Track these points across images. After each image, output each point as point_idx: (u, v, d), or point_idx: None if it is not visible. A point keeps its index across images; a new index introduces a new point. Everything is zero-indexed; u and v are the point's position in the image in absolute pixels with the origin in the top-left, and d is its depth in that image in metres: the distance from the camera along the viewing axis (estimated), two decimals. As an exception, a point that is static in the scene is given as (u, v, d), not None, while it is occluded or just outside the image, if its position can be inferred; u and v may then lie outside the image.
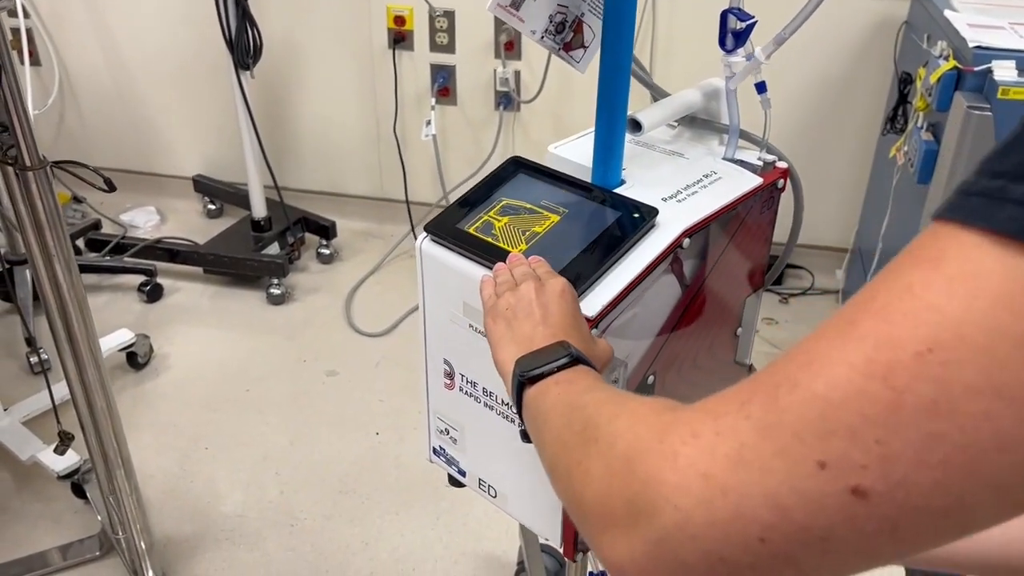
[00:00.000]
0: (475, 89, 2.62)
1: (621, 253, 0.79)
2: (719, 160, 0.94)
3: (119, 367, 2.25)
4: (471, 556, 1.75)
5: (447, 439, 0.99)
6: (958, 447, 0.32)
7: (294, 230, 2.68)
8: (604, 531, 0.42)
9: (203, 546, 1.77)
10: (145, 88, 2.92)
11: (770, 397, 0.36)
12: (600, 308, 0.76)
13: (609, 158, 0.88)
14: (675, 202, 0.86)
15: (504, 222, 0.86)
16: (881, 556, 0.35)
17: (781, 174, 0.93)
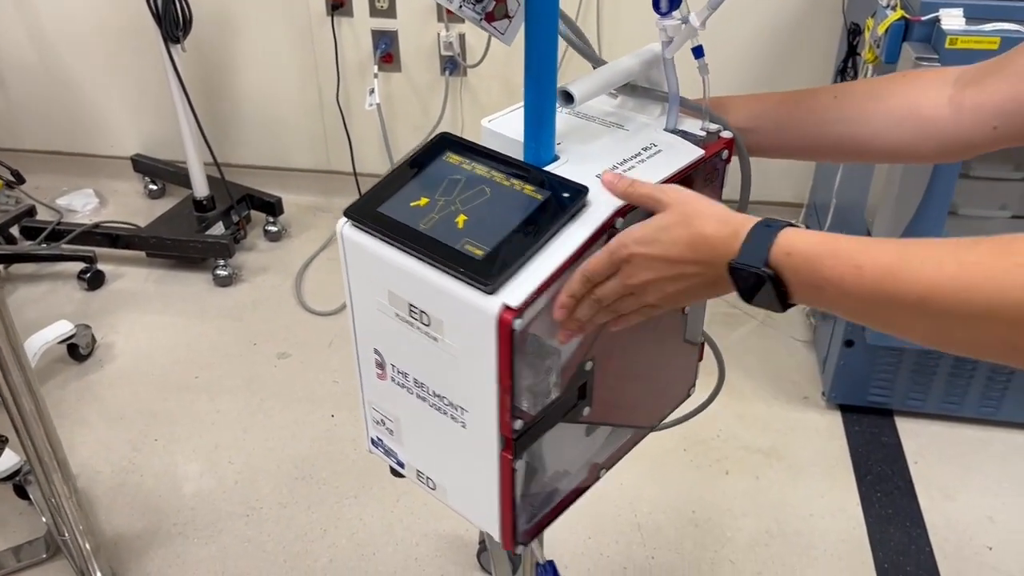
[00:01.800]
0: (419, 54, 2.54)
1: (548, 237, 0.74)
2: (660, 131, 0.89)
3: (60, 360, 2.17)
4: (432, 537, 1.73)
5: (384, 430, 0.95)
6: None
7: (239, 208, 2.59)
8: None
9: (155, 542, 1.72)
10: (75, 65, 2.79)
11: None
12: (525, 297, 0.71)
13: (540, 133, 0.83)
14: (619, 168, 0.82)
15: (426, 203, 0.81)
16: None
17: (725, 144, 0.87)
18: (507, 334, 0.71)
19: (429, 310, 0.77)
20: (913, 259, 0.57)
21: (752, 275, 0.64)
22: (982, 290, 0.53)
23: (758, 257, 0.63)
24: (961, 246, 0.56)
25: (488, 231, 0.75)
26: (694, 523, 1.75)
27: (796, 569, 1.66)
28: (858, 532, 1.73)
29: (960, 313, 0.55)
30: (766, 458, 1.90)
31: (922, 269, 0.56)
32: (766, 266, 0.63)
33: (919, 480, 1.85)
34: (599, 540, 1.71)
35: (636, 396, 0.97)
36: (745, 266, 0.64)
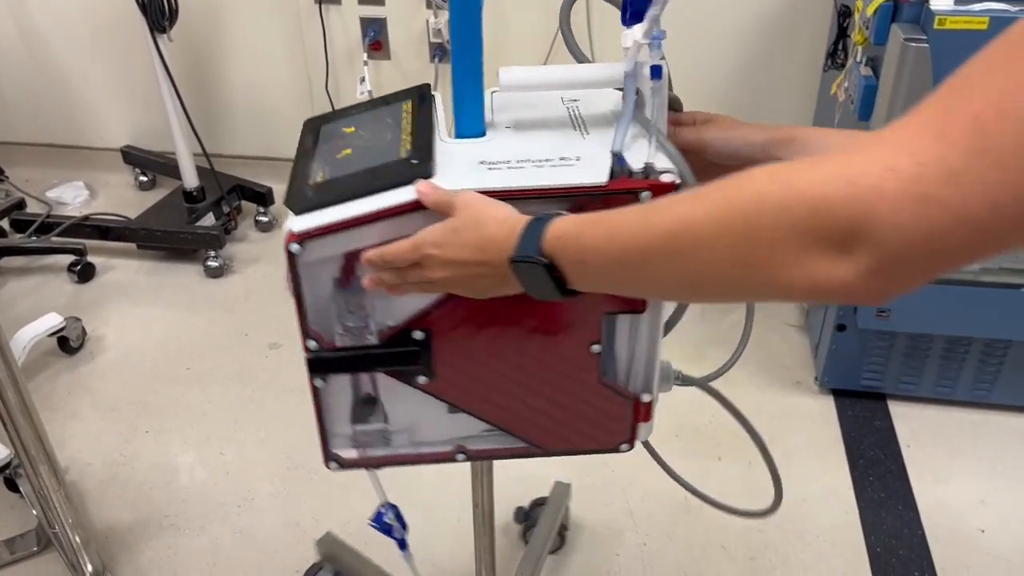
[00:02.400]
0: (408, 42, 2.52)
1: (370, 191, 0.78)
2: (604, 148, 0.78)
3: (51, 353, 2.16)
4: (423, 524, 1.72)
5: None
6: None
7: (229, 199, 2.58)
8: (812, 267, 0.50)
9: (147, 534, 1.72)
10: (64, 58, 2.77)
11: (974, 126, 0.44)
12: (307, 228, 0.76)
13: (463, 107, 0.84)
14: (486, 169, 0.79)
15: (343, 133, 0.88)
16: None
17: (651, 186, 0.75)
18: (288, 254, 0.78)
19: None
20: (658, 206, 0.61)
21: (528, 266, 0.67)
22: (715, 211, 0.55)
23: (532, 247, 0.67)
24: (703, 190, 0.57)
25: (346, 165, 0.82)
26: (686, 509, 1.75)
27: (789, 554, 1.66)
28: (851, 516, 1.73)
29: (700, 246, 0.56)
30: (758, 443, 1.89)
31: (666, 209, 0.60)
32: (540, 255, 0.66)
33: (912, 464, 1.84)
34: (591, 527, 1.70)
35: (513, 406, 0.91)
36: (521, 258, 0.67)
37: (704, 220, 0.56)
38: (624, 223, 0.62)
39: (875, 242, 0.47)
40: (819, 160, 0.51)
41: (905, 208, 0.46)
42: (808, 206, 0.50)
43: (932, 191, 0.45)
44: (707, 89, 2.45)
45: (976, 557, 1.64)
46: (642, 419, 0.92)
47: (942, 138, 0.45)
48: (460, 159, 0.81)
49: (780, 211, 0.51)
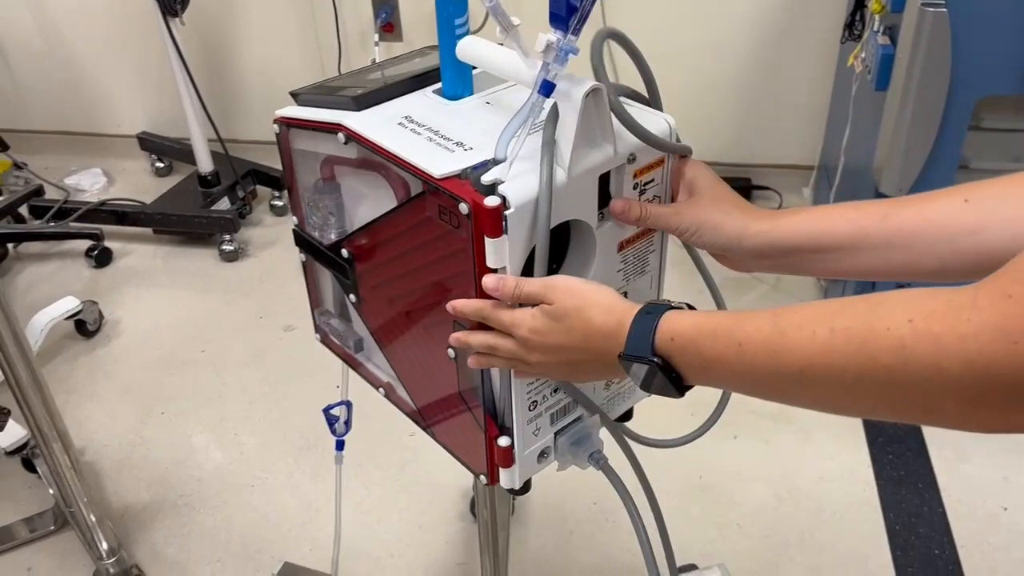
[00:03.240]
0: (420, 22, 2.51)
1: (327, 104, 0.85)
2: (495, 144, 0.71)
3: (69, 336, 2.18)
4: (436, 504, 1.72)
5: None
6: None
7: (244, 183, 2.59)
8: (977, 418, 0.50)
9: (162, 513, 1.73)
10: (79, 44, 2.78)
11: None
12: (283, 115, 0.88)
13: (444, 69, 0.83)
14: (397, 123, 0.80)
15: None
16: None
17: (470, 198, 0.68)
18: (276, 132, 0.90)
19: None
20: (788, 329, 0.56)
21: (642, 365, 0.64)
22: (854, 358, 0.52)
23: (644, 346, 0.63)
24: (836, 310, 0.55)
25: (341, 84, 0.89)
26: (701, 488, 1.73)
27: (805, 532, 1.63)
28: (869, 494, 1.70)
29: (837, 382, 0.54)
30: (775, 422, 1.87)
31: (797, 340, 0.56)
32: (653, 354, 0.63)
33: (932, 441, 1.81)
34: (604, 506, 1.69)
35: (407, 368, 0.91)
36: (634, 357, 0.64)
37: (840, 364, 0.53)
38: (751, 344, 0.58)
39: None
40: (957, 301, 0.48)
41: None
42: (964, 367, 0.47)
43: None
44: (723, 65, 2.42)
45: (998, 534, 1.61)
46: (500, 463, 0.82)
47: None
48: (397, 109, 0.83)
49: (930, 371, 0.48)
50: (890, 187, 1.70)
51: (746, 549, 1.60)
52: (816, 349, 0.54)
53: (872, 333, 0.51)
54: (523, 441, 0.81)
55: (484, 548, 1.21)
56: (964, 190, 0.69)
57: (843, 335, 0.53)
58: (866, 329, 0.52)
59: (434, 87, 0.86)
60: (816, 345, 0.54)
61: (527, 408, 0.80)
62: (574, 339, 0.68)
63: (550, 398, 0.82)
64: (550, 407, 0.82)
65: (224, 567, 1.62)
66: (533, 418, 0.81)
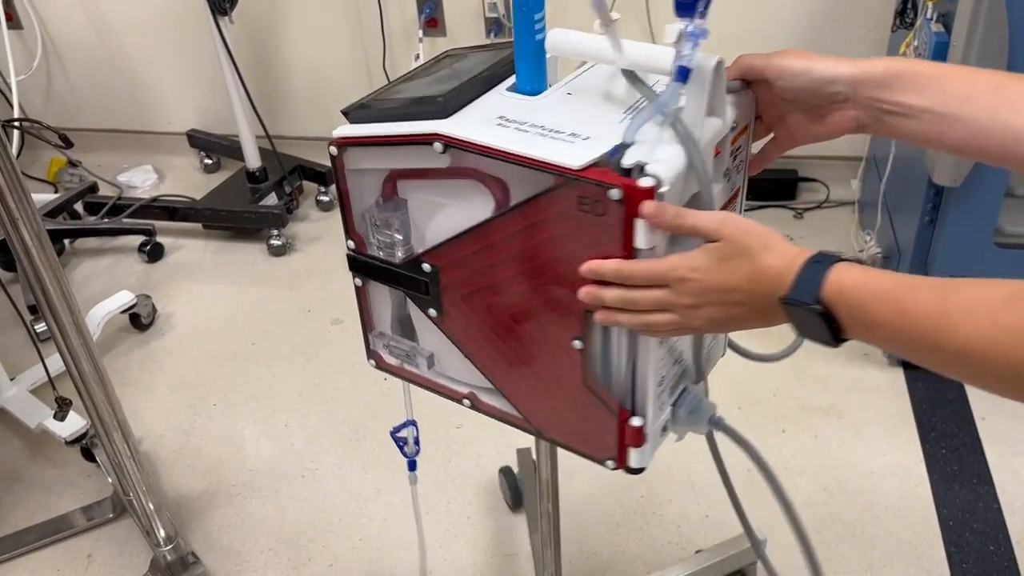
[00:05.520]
0: (464, 17, 2.52)
1: (398, 116, 0.81)
2: (616, 135, 0.72)
3: (123, 329, 2.23)
4: (484, 495, 1.73)
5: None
6: None
7: (291, 179, 2.62)
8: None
9: (216, 502, 1.77)
10: (131, 44, 2.84)
11: None
12: (342, 135, 0.83)
13: (519, 64, 0.82)
14: (496, 123, 0.77)
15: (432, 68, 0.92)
16: None
17: (622, 184, 0.68)
18: (329, 155, 0.85)
19: None
20: (954, 311, 0.58)
21: (803, 311, 0.65)
22: (1015, 356, 0.55)
23: (809, 293, 0.64)
24: (1003, 301, 0.56)
25: (405, 92, 0.86)
26: (749, 482, 1.70)
27: (856, 527, 1.62)
28: (921, 490, 1.68)
29: (997, 374, 0.57)
30: (825, 416, 1.85)
31: (961, 326, 0.58)
32: (817, 302, 0.64)
33: (987, 437, 1.78)
34: (651, 499, 1.69)
35: (510, 373, 0.89)
36: (797, 302, 0.65)
37: (1001, 359, 0.56)
38: (914, 315, 0.60)
39: None
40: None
41: None
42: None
43: None
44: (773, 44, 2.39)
45: (1056, 532, 1.58)
46: (631, 443, 0.83)
47: None
48: (486, 110, 0.80)
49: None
50: (944, 178, 1.67)
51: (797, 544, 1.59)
52: (978, 339, 0.57)
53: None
54: (653, 418, 0.82)
55: (546, 543, 1.21)
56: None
57: (1007, 333, 0.56)
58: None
59: (505, 85, 0.85)
60: (979, 335, 0.57)
61: (657, 383, 0.81)
62: (739, 279, 0.68)
63: (671, 369, 0.84)
64: (670, 380, 0.84)
65: (276, 555, 1.65)
66: (660, 393, 0.83)
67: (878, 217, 2.09)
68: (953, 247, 1.77)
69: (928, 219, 1.79)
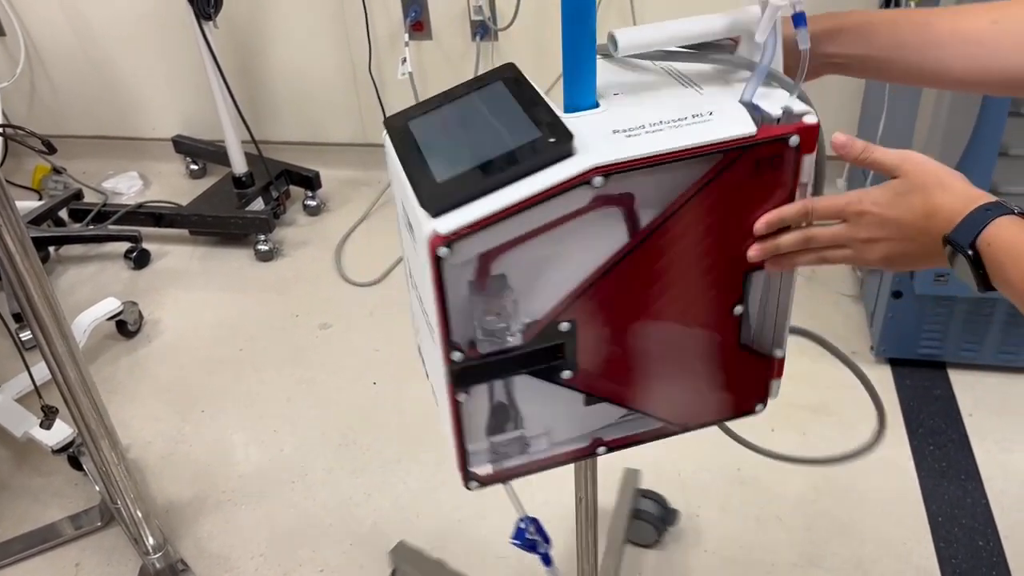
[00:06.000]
0: (450, 20, 2.52)
1: (514, 176, 0.71)
2: (732, 101, 0.77)
3: (110, 337, 2.22)
4: (476, 499, 1.72)
5: (418, 339, 0.96)
6: None
7: (277, 184, 2.62)
8: None
9: (205, 509, 1.76)
10: (114, 50, 2.83)
11: None
12: (456, 227, 0.69)
13: (576, 78, 0.77)
14: (624, 136, 0.74)
15: (448, 126, 0.81)
16: None
17: (798, 130, 0.74)
18: (435, 261, 0.71)
19: (412, 223, 0.77)
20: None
21: (958, 254, 0.68)
22: None
23: (967, 236, 0.67)
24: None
25: (468, 157, 0.75)
26: (740, 480, 1.73)
27: (846, 524, 1.62)
28: (910, 486, 1.69)
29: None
30: (813, 414, 1.86)
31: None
32: (970, 247, 0.67)
33: (974, 433, 1.79)
34: (643, 499, 1.69)
35: (652, 385, 0.88)
36: (955, 242, 0.68)
37: None
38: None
39: None
40: None
41: None
42: None
43: None
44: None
45: (1044, 526, 1.59)
46: (776, 375, 0.92)
47: None
48: (591, 131, 0.74)
49: None
50: (928, 175, 1.68)
51: (787, 541, 1.59)
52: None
53: None
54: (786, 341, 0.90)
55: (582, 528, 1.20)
56: (994, 10, 0.79)
57: None
58: None
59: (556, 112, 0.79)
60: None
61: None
62: (915, 216, 0.70)
63: None
64: None
65: (267, 561, 1.64)
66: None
67: (864, 215, 2.10)
68: (938, 244, 1.78)
69: (913, 217, 1.80)
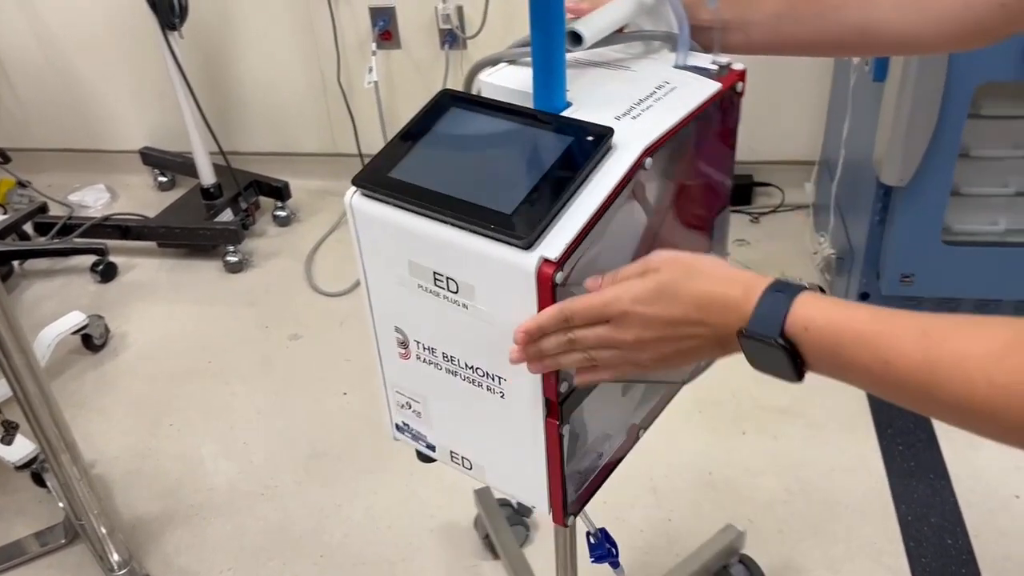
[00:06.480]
0: (418, 30, 2.52)
1: (578, 184, 0.70)
2: (670, 69, 0.83)
3: (76, 351, 2.19)
4: (447, 510, 1.72)
5: (410, 414, 0.92)
6: None
7: (247, 195, 2.59)
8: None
9: (173, 523, 1.73)
10: (79, 60, 2.80)
11: None
12: (564, 248, 0.67)
13: (551, 79, 0.76)
14: (630, 119, 0.75)
15: (440, 162, 0.78)
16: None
17: (739, 76, 0.83)
18: (549, 289, 0.67)
19: (458, 276, 0.73)
20: (941, 367, 0.54)
21: (765, 346, 0.60)
22: (1019, 414, 0.51)
23: (772, 327, 0.59)
24: (996, 360, 0.52)
25: (513, 184, 0.71)
26: (711, 484, 1.73)
27: (818, 526, 1.63)
28: (880, 486, 1.70)
29: (997, 425, 0.52)
30: (783, 416, 1.86)
31: (952, 381, 0.53)
32: (781, 337, 0.59)
33: (942, 432, 1.80)
34: (614, 504, 1.69)
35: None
36: (758, 335, 0.60)
37: (1003, 416, 0.52)
38: (899, 368, 0.56)
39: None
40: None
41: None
42: None
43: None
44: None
45: (1011, 523, 1.60)
46: None
47: None
48: (615, 113, 0.77)
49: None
50: (891, 177, 1.70)
51: (759, 544, 1.59)
52: (975, 400, 0.52)
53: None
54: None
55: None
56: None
57: (1005, 392, 0.51)
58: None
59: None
60: (975, 397, 0.52)
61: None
62: (686, 308, 0.63)
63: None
64: None
65: (236, 575, 1.62)
66: None
67: (831, 219, 2.12)
68: (903, 246, 1.80)
69: (878, 219, 1.82)
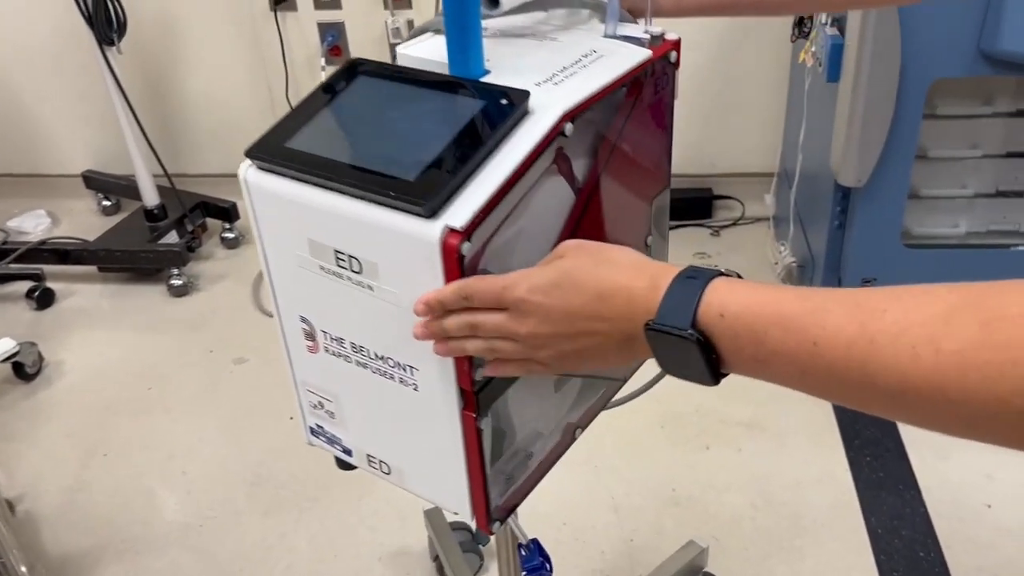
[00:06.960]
0: (367, 44, 2.46)
1: (489, 149, 0.63)
2: (599, 39, 0.78)
3: (7, 380, 2.07)
4: (398, 536, 1.62)
5: (322, 414, 0.84)
6: None
7: (192, 216, 2.50)
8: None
9: (104, 559, 1.62)
10: (16, 81, 2.70)
11: None
12: (470, 216, 0.60)
13: (465, 43, 0.71)
14: (551, 85, 0.70)
15: (342, 130, 0.71)
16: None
17: (672, 46, 0.79)
18: (455, 261, 0.60)
19: (359, 253, 0.67)
20: (880, 338, 0.45)
21: (676, 340, 0.52)
22: (975, 394, 0.42)
23: (682, 317, 0.51)
24: (940, 321, 0.44)
25: (418, 151, 0.64)
26: (674, 502, 1.66)
27: (784, 541, 1.56)
28: (848, 498, 1.63)
29: (949, 408, 0.43)
30: (748, 430, 1.80)
31: (895, 356, 0.44)
32: (693, 328, 0.51)
33: (910, 442, 1.75)
34: (574, 526, 1.61)
35: None
36: (666, 327, 0.52)
37: (956, 397, 0.42)
38: (830, 348, 0.47)
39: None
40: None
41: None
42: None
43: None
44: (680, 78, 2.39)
45: (983, 532, 1.55)
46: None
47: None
48: (533, 80, 0.71)
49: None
50: (849, 178, 1.66)
51: (725, 563, 1.52)
52: (920, 373, 0.43)
53: (995, 368, 0.41)
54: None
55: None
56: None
57: (956, 363, 0.42)
58: (985, 361, 0.41)
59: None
60: (920, 369, 0.43)
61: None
62: (586, 299, 0.55)
63: None
64: None
65: (170, 614, 1.51)
66: None
67: (791, 227, 2.08)
68: (863, 250, 1.76)
69: (838, 223, 1.78)
